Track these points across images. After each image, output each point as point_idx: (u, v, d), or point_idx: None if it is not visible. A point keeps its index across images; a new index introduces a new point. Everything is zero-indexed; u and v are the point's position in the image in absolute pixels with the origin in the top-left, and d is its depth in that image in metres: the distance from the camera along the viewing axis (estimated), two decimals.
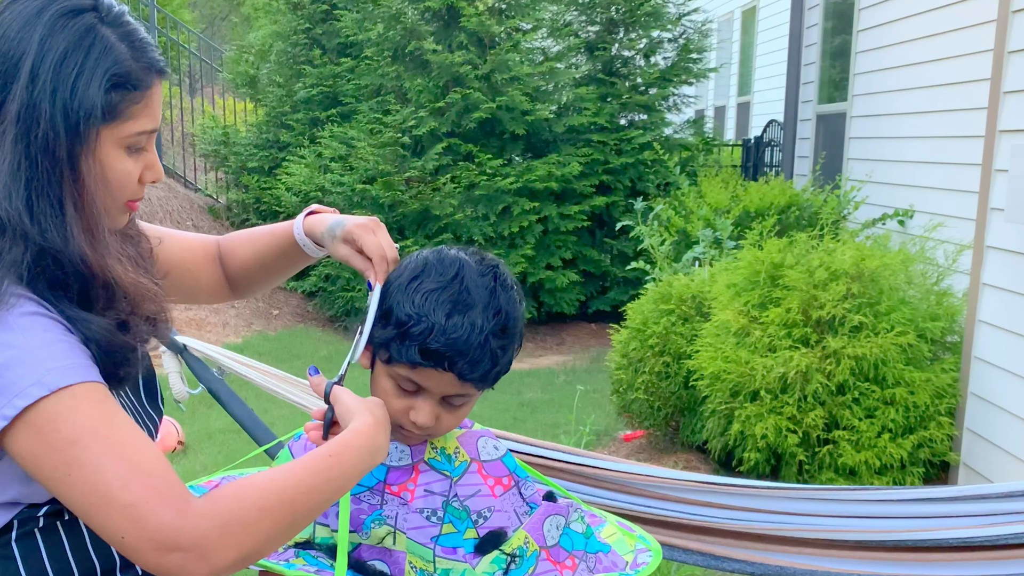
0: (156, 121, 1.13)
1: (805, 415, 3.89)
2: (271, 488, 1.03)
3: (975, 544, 2.06)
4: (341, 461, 1.09)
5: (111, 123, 1.08)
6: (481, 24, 7.77)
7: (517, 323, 1.25)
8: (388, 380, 1.24)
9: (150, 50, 1.12)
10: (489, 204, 7.67)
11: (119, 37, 1.09)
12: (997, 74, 3.89)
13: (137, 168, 1.13)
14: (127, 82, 1.08)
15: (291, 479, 1.05)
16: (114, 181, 1.11)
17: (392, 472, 1.25)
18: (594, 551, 1.30)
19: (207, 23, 20.65)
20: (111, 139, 1.09)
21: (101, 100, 1.06)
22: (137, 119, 1.10)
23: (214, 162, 10.57)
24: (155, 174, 1.16)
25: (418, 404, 1.22)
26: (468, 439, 1.30)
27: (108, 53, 1.07)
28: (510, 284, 1.26)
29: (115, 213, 1.16)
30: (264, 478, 1.04)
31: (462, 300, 1.19)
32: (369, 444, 1.13)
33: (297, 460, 1.09)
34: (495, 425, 1.40)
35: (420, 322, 1.18)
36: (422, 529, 1.21)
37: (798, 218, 6.00)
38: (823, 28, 7.30)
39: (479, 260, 1.25)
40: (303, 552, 1.21)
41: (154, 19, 10.53)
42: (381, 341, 1.23)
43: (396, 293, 1.23)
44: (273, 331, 8.03)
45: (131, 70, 1.09)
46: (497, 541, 1.23)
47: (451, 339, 1.17)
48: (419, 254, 1.27)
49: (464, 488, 1.25)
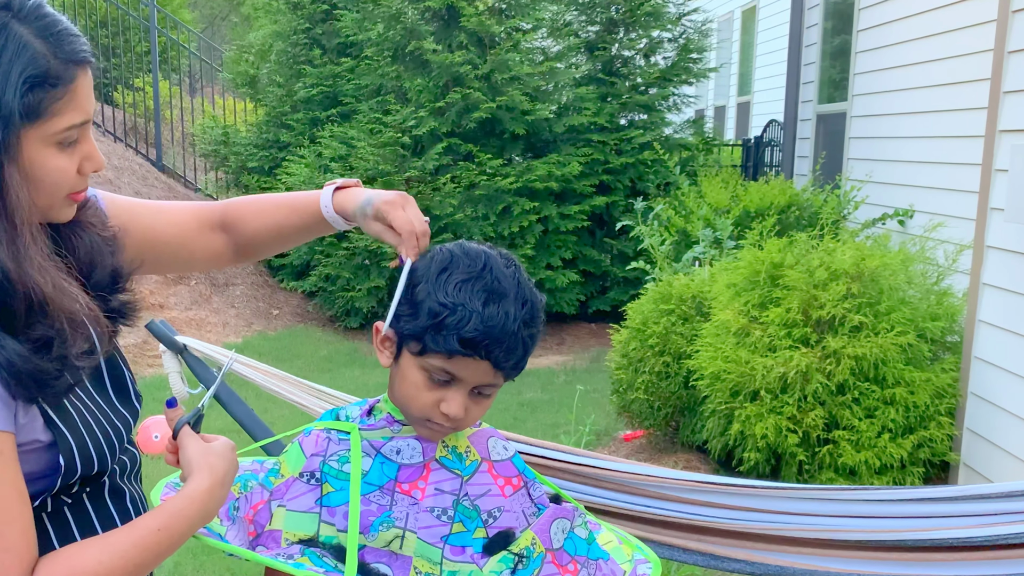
0: (86, 113, 1.09)
1: (805, 415, 3.89)
2: (99, 570, 1.04)
3: (975, 544, 2.06)
4: (171, 534, 1.10)
5: (34, 123, 1.05)
6: (481, 24, 7.77)
7: (541, 313, 1.27)
8: (419, 372, 1.23)
9: (70, 42, 1.07)
10: (489, 204, 7.67)
11: (35, 32, 1.05)
12: (997, 74, 3.89)
13: (72, 162, 1.10)
14: (45, 80, 1.04)
15: (120, 558, 1.05)
16: (48, 180, 1.08)
17: (403, 470, 1.24)
18: (595, 558, 1.30)
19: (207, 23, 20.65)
20: (37, 139, 1.06)
21: (17, 104, 1.02)
22: (63, 115, 1.07)
23: (214, 162, 10.57)
24: (95, 164, 1.13)
25: (449, 395, 1.22)
26: (478, 438, 1.30)
27: (21, 53, 1.03)
28: (527, 278, 1.28)
29: (58, 209, 1.13)
30: (94, 559, 1.04)
31: (495, 289, 1.20)
32: (201, 510, 1.13)
33: (125, 533, 1.09)
34: (495, 425, 1.40)
35: (456, 311, 1.18)
36: (432, 528, 1.21)
37: (798, 218, 6.00)
38: (823, 28, 7.30)
39: (499, 253, 1.27)
40: (308, 550, 1.20)
41: (154, 19, 10.53)
42: (412, 333, 1.22)
43: (426, 285, 1.22)
44: (273, 331, 8.03)
45: (49, 67, 1.05)
46: (506, 541, 1.23)
47: (489, 327, 1.18)
48: (442, 247, 1.27)
49: (475, 487, 1.24)
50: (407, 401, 1.25)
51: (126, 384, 1.23)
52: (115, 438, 1.17)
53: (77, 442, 1.10)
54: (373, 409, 1.31)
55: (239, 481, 1.30)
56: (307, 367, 6.76)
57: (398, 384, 1.26)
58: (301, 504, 1.22)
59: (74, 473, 1.10)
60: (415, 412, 1.24)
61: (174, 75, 12.68)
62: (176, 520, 1.11)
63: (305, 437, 1.29)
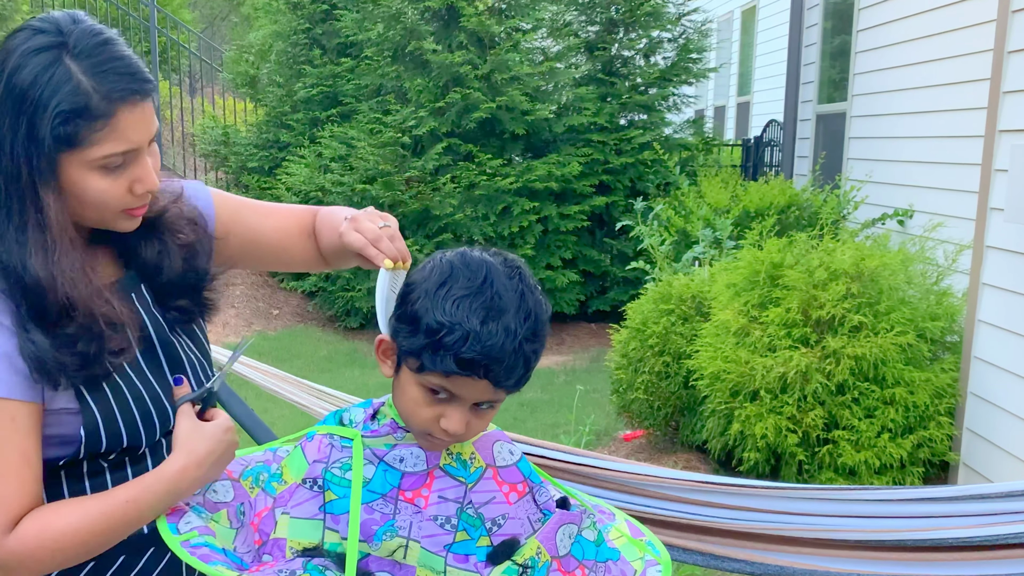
0: (131, 142, 1.19)
1: (805, 415, 3.89)
2: (67, 531, 1.16)
3: (975, 544, 2.06)
4: (139, 507, 1.19)
5: (72, 150, 1.16)
6: (481, 24, 7.77)
7: (546, 326, 1.22)
8: (418, 389, 1.20)
9: (117, 80, 1.17)
10: (489, 204, 7.67)
11: (84, 69, 1.16)
12: (997, 74, 3.89)
13: (118, 184, 1.21)
14: (82, 113, 1.15)
15: (86, 522, 1.17)
16: (92, 199, 1.20)
17: (407, 478, 1.22)
18: (604, 560, 1.28)
19: (207, 23, 20.65)
20: (78, 163, 1.17)
21: (49, 133, 1.14)
22: (101, 144, 1.17)
23: (214, 162, 10.58)
24: (144, 186, 1.23)
25: (449, 412, 1.19)
26: (484, 443, 1.28)
27: (62, 87, 1.14)
28: (534, 285, 1.22)
29: (112, 222, 1.25)
30: (65, 522, 1.17)
31: (495, 306, 1.16)
32: (171, 489, 1.20)
33: (98, 500, 1.19)
34: (495, 425, 1.39)
35: (454, 330, 1.14)
36: (435, 537, 1.19)
37: (798, 218, 6.01)
38: (823, 28, 7.31)
39: (503, 261, 1.21)
40: (310, 565, 1.18)
41: (154, 19, 10.53)
42: (411, 350, 1.19)
43: (424, 300, 1.18)
44: (273, 331, 8.03)
45: (88, 102, 1.15)
46: (510, 549, 1.21)
47: (487, 347, 1.14)
48: (441, 257, 1.22)
49: (479, 495, 1.23)
50: (408, 415, 1.23)
51: (184, 370, 1.34)
52: (157, 416, 1.29)
53: (105, 417, 1.23)
54: (377, 413, 1.29)
55: (250, 475, 1.29)
56: (307, 367, 6.77)
57: (398, 398, 1.24)
58: (305, 511, 1.21)
59: (98, 444, 1.23)
60: (416, 427, 1.22)
61: (174, 75, 12.67)
62: (144, 495, 1.19)
63: (308, 442, 1.27)
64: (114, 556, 1.28)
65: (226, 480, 1.29)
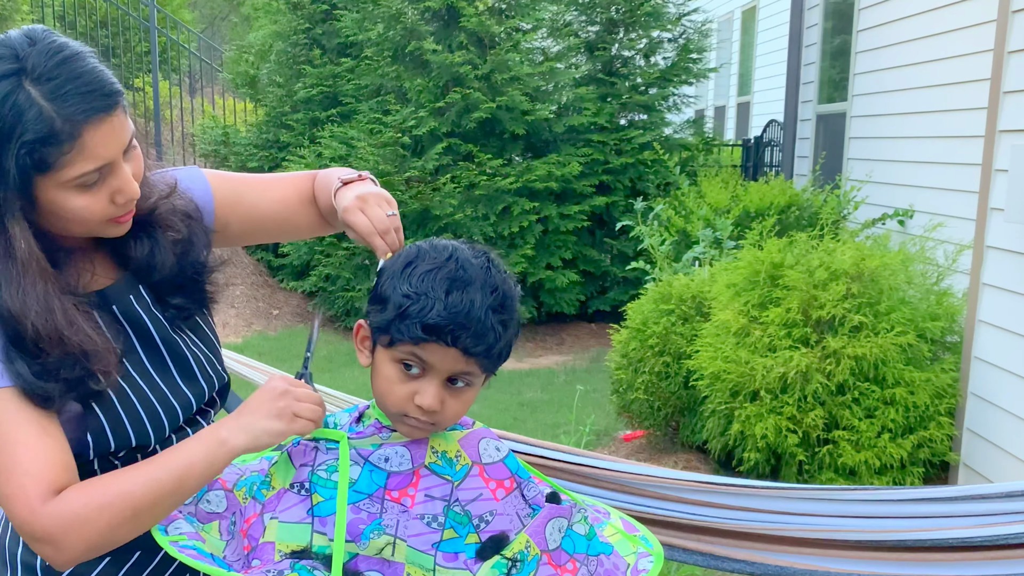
0: (101, 159, 1.16)
1: (805, 415, 3.89)
2: (111, 486, 1.15)
3: (975, 544, 2.06)
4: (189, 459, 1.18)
5: (44, 174, 1.14)
6: (481, 24, 7.77)
7: (514, 301, 1.26)
8: (391, 365, 1.24)
9: (78, 101, 1.14)
10: (489, 204, 7.67)
11: (44, 93, 1.12)
12: (997, 74, 3.89)
13: (98, 199, 1.19)
14: (48, 140, 1.12)
15: (130, 476, 1.17)
16: (73, 216, 1.19)
17: (393, 477, 1.23)
18: (596, 553, 1.28)
19: (207, 23, 20.66)
20: (53, 185, 1.16)
21: (15, 165, 1.12)
22: (72, 165, 1.15)
23: (214, 162, 10.57)
24: (125, 195, 1.21)
25: (422, 387, 1.21)
26: (469, 441, 1.28)
27: (24, 115, 1.11)
28: (501, 266, 1.27)
29: (100, 232, 1.25)
30: (109, 477, 1.17)
31: (459, 277, 1.20)
32: (212, 434, 1.19)
33: (143, 464, 1.19)
34: (495, 425, 1.38)
35: (419, 300, 1.19)
36: (423, 536, 1.19)
37: (798, 218, 6.01)
38: (823, 28, 7.31)
39: (471, 247, 1.27)
40: (298, 565, 1.18)
41: (154, 19, 10.53)
42: (380, 325, 1.23)
43: (391, 279, 1.24)
44: (273, 331, 8.03)
45: (52, 128, 1.12)
46: (499, 545, 1.21)
47: (453, 312, 1.18)
48: (411, 245, 1.29)
49: (465, 492, 1.23)
50: (383, 396, 1.25)
51: (190, 366, 1.35)
52: (165, 416, 1.30)
53: (111, 420, 1.24)
54: (363, 415, 1.31)
55: (244, 485, 1.29)
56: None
57: (375, 381, 1.27)
58: (293, 515, 1.21)
59: (107, 445, 1.24)
60: (392, 408, 1.24)
61: (174, 75, 12.67)
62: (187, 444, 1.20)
63: (293, 447, 1.28)
64: (130, 551, 1.29)
65: (220, 490, 1.30)
